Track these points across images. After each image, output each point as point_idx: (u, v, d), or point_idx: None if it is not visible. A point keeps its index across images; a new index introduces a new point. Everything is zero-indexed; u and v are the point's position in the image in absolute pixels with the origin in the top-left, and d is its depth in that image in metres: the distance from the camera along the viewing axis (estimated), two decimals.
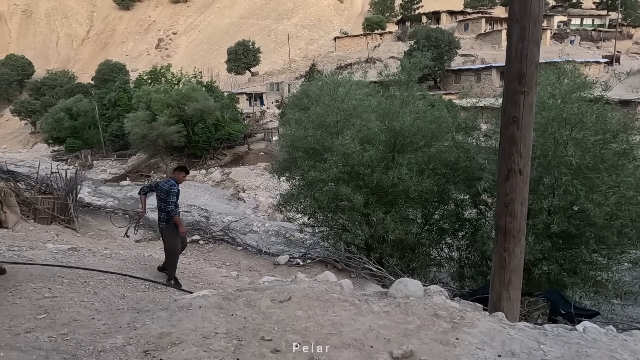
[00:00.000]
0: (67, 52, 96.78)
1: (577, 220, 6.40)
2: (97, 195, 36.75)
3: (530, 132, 3.05)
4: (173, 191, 5.81)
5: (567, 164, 6.15)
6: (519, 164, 3.10)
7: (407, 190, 8.16)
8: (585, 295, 7.09)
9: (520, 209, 3.17)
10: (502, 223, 3.26)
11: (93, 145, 50.99)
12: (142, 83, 47.27)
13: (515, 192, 3.14)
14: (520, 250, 3.27)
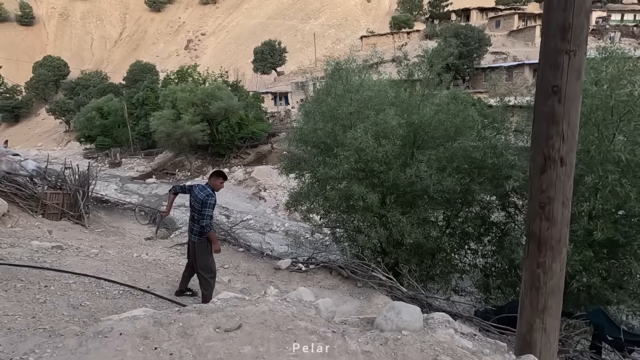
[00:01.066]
0: (100, 53, 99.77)
1: (625, 227, 5.44)
2: (124, 192, 37.33)
3: (577, 107, 2.25)
4: (209, 202, 5.13)
5: (615, 160, 5.21)
6: (560, 150, 2.30)
7: (426, 190, 7.34)
8: (634, 315, 6.08)
9: (561, 211, 2.37)
10: (535, 229, 2.46)
11: (122, 143, 52.14)
12: (169, 82, 47.90)
13: (554, 189, 2.35)
14: (560, 266, 2.46)
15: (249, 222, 28.42)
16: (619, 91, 5.28)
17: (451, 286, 9.01)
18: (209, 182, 5.41)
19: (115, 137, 51.95)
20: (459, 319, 5.18)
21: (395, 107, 8.68)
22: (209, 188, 5.28)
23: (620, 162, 5.16)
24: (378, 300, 5.41)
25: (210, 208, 5.14)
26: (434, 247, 7.84)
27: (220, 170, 5.67)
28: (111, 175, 45.34)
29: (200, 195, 5.20)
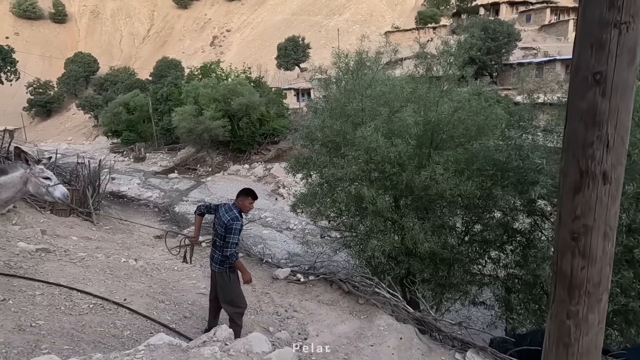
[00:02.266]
0: (129, 49, 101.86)
1: None
2: (146, 186, 37.92)
3: (628, 102, 1.62)
4: (234, 228, 4.35)
5: None
6: (603, 162, 1.67)
7: (442, 194, 6.68)
8: None
9: (603, 246, 1.75)
10: (565, 268, 1.83)
11: (147, 138, 52.96)
12: (193, 78, 48.25)
13: (593, 215, 1.72)
14: (598, 319, 1.83)
15: (266, 219, 28.18)
16: None
17: (470, 297, 8.31)
18: (237, 202, 4.62)
19: (140, 132, 52.83)
20: (472, 348, 4.55)
21: (411, 104, 8.04)
22: (235, 210, 4.49)
23: None
24: (380, 321, 4.82)
25: (235, 234, 4.37)
26: (450, 256, 7.16)
27: (249, 189, 4.81)
28: (135, 170, 46.11)
29: (224, 218, 4.42)
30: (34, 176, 4.55)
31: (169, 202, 21.62)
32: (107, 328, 3.87)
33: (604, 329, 1.90)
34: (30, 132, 69.96)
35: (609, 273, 1.79)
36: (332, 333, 4.57)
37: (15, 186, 4.56)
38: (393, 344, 4.28)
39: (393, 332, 4.53)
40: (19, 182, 4.56)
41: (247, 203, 4.66)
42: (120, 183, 38.44)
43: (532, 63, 37.19)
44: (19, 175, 4.55)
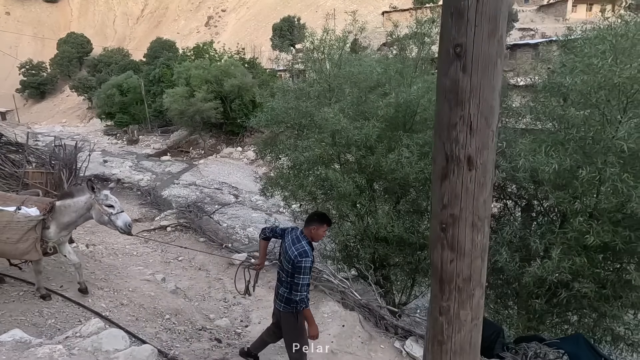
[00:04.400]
0: (123, 30, 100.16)
1: (626, 230, 4.52)
2: (138, 169, 37.83)
3: (492, 79, 1.43)
4: (304, 266, 3.62)
5: (617, 150, 4.28)
6: (466, 146, 1.51)
7: (406, 178, 6.53)
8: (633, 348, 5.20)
9: (472, 237, 1.60)
10: (436, 261, 1.70)
11: (140, 120, 52.51)
12: (185, 59, 47.56)
13: (459, 204, 1.57)
14: (472, 315, 1.70)
15: (256, 202, 28.17)
16: (627, 66, 4.28)
17: None
18: (307, 230, 3.81)
19: (133, 114, 52.35)
20: (412, 336, 4.47)
21: (383, 86, 7.81)
22: (304, 241, 3.73)
23: (623, 152, 4.23)
24: (325, 308, 4.74)
25: (305, 274, 3.63)
26: (417, 241, 7.05)
27: (322, 214, 4.03)
28: (128, 152, 45.90)
29: (290, 251, 3.71)
30: (97, 203, 4.43)
31: (152, 185, 21.43)
32: (31, 316, 3.78)
33: (481, 325, 1.77)
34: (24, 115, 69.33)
35: (481, 266, 1.65)
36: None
37: (78, 211, 4.48)
38: (334, 332, 4.21)
39: (337, 319, 4.46)
40: (83, 207, 4.45)
41: (322, 232, 3.86)
42: (112, 166, 38.29)
43: (529, 45, 36.61)
44: (84, 200, 4.45)
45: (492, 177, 1.57)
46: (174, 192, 29.28)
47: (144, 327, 4.39)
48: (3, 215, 4.24)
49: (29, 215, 4.27)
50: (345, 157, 8.30)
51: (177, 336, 4.39)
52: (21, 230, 4.19)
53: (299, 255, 3.63)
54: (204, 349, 4.21)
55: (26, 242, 4.22)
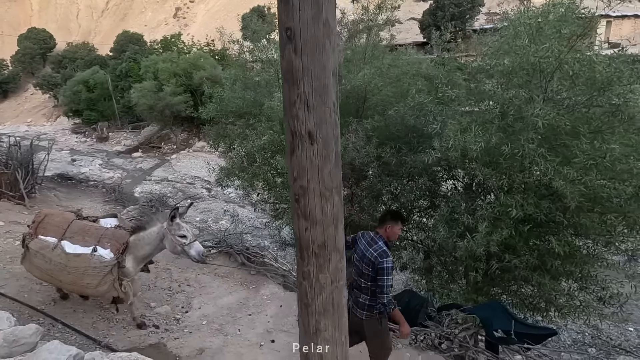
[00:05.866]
0: (87, 24, 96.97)
1: (549, 202, 4.80)
2: (108, 167, 37.06)
3: (323, 59, 1.56)
4: (386, 267, 3.46)
5: (535, 126, 4.52)
6: (306, 122, 1.64)
7: (352, 162, 6.71)
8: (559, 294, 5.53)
9: (321, 206, 1.74)
10: (295, 230, 1.84)
11: (109, 117, 51.23)
12: (152, 52, 46.53)
13: (306, 176, 1.71)
14: (332, 278, 1.85)
15: (229, 195, 28.05)
16: (543, 46, 4.52)
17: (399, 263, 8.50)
18: (382, 230, 3.65)
19: (101, 111, 51.01)
20: None
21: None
22: (380, 241, 3.57)
23: (539, 129, 4.48)
24: (265, 290, 4.89)
25: (388, 276, 3.46)
26: (367, 224, 7.25)
27: (395, 211, 3.94)
28: (98, 150, 44.81)
29: (369, 253, 3.55)
30: (170, 233, 4.32)
31: (118, 182, 21.13)
32: None
33: (343, 287, 1.93)
34: None
35: (334, 233, 1.80)
36: (215, 305, 4.61)
37: (152, 243, 4.39)
38: (272, 312, 4.36)
39: (275, 300, 4.61)
40: (156, 238, 4.38)
41: (397, 230, 3.71)
42: (81, 164, 37.38)
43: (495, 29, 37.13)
44: (156, 230, 4.38)
45: (336, 150, 1.71)
46: (145, 188, 28.83)
47: (81, 317, 4.46)
48: (81, 261, 4.22)
49: (104, 259, 4.21)
50: None
51: (115, 325, 4.49)
52: (98, 275, 4.18)
53: (379, 256, 3.46)
54: (140, 335, 4.31)
55: (105, 285, 4.22)
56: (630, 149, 4.40)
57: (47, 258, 4.27)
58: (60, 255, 4.22)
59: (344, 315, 1.96)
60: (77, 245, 4.29)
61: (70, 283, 4.30)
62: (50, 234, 4.39)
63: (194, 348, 4.05)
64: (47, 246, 4.32)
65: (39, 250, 4.32)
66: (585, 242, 5.10)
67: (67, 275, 4.21)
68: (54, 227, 4.43)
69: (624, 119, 4.44)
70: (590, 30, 4.83)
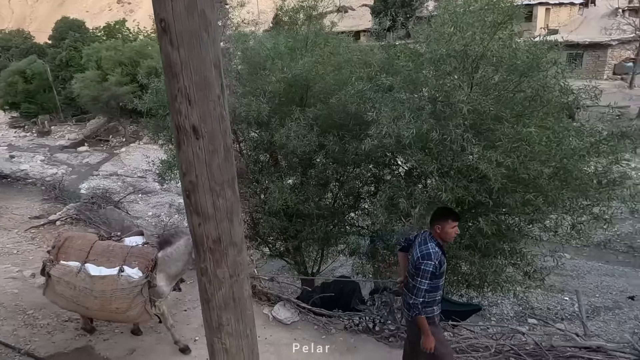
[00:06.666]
0: (21, 9, 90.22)
1: (477, 185, 5.03)
2: (51, 163, 35.07)
3: (202, 52, 1.53)
4: (423, 269, 3.29)
5: (462, 112, 4.69)
6: (189, 117, 1.62)
7: (294, 151, 6.72)
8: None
9: (212, 201, 1.73)
10: (190, 226, 1.83)
11: (50, 109, 48.14)
12: (95, 40, 44.09)
13: (194, 171, 1.69)
14: (230, 272, 1.85)
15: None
16: (465, 33, 4.67)
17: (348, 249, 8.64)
18: (433, 231, 3.43)
19: (41, 103, 47.83)
20: (280, 301, 4.74)
21: (274, 61, 7.84)
22: (431, 242, 3.38)
23: (465, 115, 4.66)
24: None
25: (424, 279, 3.28)
26: (312, 212, 7.31)
27: (445, 208, 3.69)
28: (39, 145, 42.17)
29: (415, 253, 3.41)
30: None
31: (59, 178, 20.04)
32: None
33: (244, 281, 1.93)
34: None
35: (229, 227, 1.79)
36: None
37: (182, 257, 4.08)
38: None
39: None
40: (185, 251, 4.07)
41: (449, 229, 3.38)
42: (20, 161, 35.13)
43: None
44: (184, 244, 4.07)
45: (225, 144, 1.69)
46: (93, 184, 27.56)
47: (0, 325, 4.22)
48: (108, 283, 3.91)
49: (132, 279, 3.90)
50: (248, 134, 8.33)
51: (38, 330, 4.29)
52: (127, 298, 3.88)
53: (421, 257, 3.32)
54: (66, 339, 4.16)
55: (136, 309, 3.92)
56: (548, 131, 4.67)
57: (71, 284, 3.98)
58: (84, 280, 3.94)
59: (248, 308, 1.96)
60: (102, 267, 4.00)
61: (98, 309, 3.99)
62: (73, 258, 4.08)
63: (124, 348, 3.95)
64: (70, 271, 4.01)
65: (61, 276, 4.01)
66: (513, 221, 5.39)
67: (94, 301, 3.91)
68: (76, 251, 4.13)
69: (542, 103, 4.70)
70: (512, 18, 5.04)
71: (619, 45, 25.93)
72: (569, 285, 13.11)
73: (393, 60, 7.34)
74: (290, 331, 4.43)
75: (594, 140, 4.89)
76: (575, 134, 4.95)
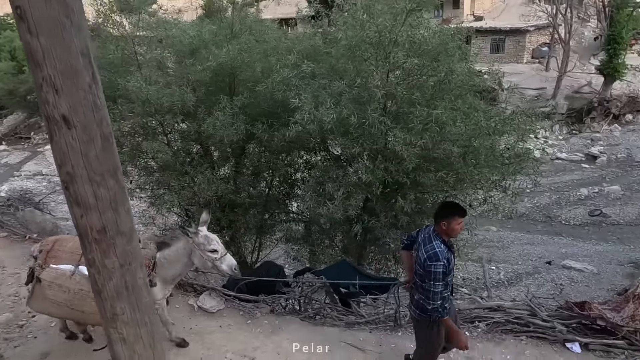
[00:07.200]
0: None
1: (396, 166, 5.29)
2: None
3: (66, 40, 1.51)
4: (434, 271, 3.11)
5: (376, 97, 4.90)
6: (58, 106, 1.59)
7: (221, 141, 6.66)
8: None
9: (94, 191, 1.71)
10: (72, 218, 1.80)
11: None
12: (7, 28, 40.19)
13: (70, 162, 1.67)
14: (120, 262, 1.85)
15: None
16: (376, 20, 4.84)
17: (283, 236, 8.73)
18: (438, 228, 3.23)
19: None
20: (206, 291, 4.77)
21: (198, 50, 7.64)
22: (437, 240, 3.19)
23: (380, 99, 4.87)
24: None
25: (437, 281, 3.11)
26: (244, 202, 7.31)
27: (450, 203, 3.46)
28: None
29: (421, 253, 3.22)
30: (198, 248, 3.75)
31: None
32: None
33: (137, 269, 1.94)
34: None
35: (115, 217, 1.78)
36: None
37: (180, 260, 3.87)
38: None
39: None
40: (184, 254, 3.85)
41: (455, 225, 3.19)
42: None
43: None
44: (182, 246, 3.85)
45: (101, 133, 1.67)
46: (14, 185, 25.45)
47: None
48: None
49: None
50: (176, 125, 8.10)
51: None
52: None
53: (428, 258, 3.13)
54: None
55: None
56: (456, 112, 5.00)
57: (65, 287, 3.71)
58: (80, 282, 3.66)
59: (144, 296, 1.98)
60: None
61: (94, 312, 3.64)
62: (64, 262, 3.79)
63: (37, 353, 3.77)
64: (62, 274, 3.73)
65: (53, 280, 3.71)
66: (431, 198, 5.74)
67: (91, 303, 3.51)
68: (66, 254, 3.84)
69: (450, 87, 5.01)
70: (423, 5, 5.28)
71: (536, 31, 27.88)
72: (495, 256, 14.17)
73: (317, 47, 7.44)
74: (216, 319, 4.46)
75: (499, 119, 5.30)
76: (483, 115, 5.32)
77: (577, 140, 22.85)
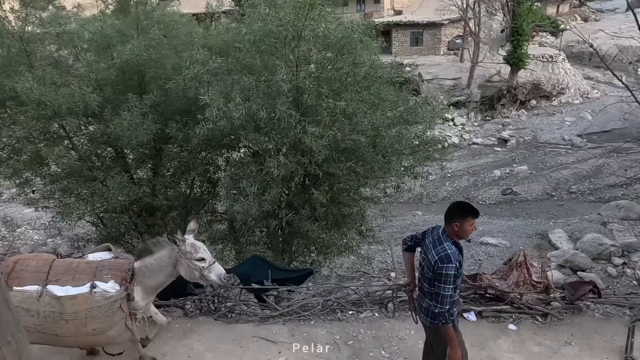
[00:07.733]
0: None
1: (307, 158, 5.37)
2: None
3: None
4: (445, 274, 2.96)
5: (283, 90, 4.93)
6: None
7: (130, 142, 6.34)
8: None
9: None
10: None
11: None
12: None
13: None
14: None
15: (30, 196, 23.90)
16: (277, 14, 4.85)
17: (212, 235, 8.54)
18: (449, 229, 3.11)
19: None
20: None
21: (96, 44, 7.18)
22: (447, 242, 3.07)
23: (286, 93, 4.91)
24: None
25: (447, 284, 2.99)
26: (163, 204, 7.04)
27: (463, 204, 3.26)
28: None
29: (430, 255, 3.07)
30: (185, 257, 3.49)
31: None
32: None
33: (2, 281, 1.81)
34: None
35: None
36: None
37: (164, 269, 3.67)
38: None
39: None
40: (168, 263, 3.64)
41: (468, 226, 3.09)
42: None
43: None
44: (167, 254, 3.63)
45: None
46: None
47: None
48: (80, 303, 3.42)
49: (108, 294, 3.44)
50: (81, 128, 7.60)
51: None
52: (106, 315, 3.45)
53: (439, 260, 3.01)
54: None
55: (116, 327, 3.51)
56: (362, 104, 5.17)
57: (33, 311, 3.42)
58: (50, 304, 3.41)
59: (3, 314, 1.84)
60: (69, 286, 3.48)
61: (71, 334, 3.46)
62: (29, 282, 3.51)
63: None
64: (29, 297, 3.43)
65: (19, 304, 3.32)
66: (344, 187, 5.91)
67: (66, 325, 3.42)
68: (31, 274, 3.56)
69: (356, 79, 5.17)
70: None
71: (450, 24, 29.57)
72: None
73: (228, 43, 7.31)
74: None
75: (404, 109, 5.56)
76: (390, 105, 5.56)
77: (490, 126, 24.69)
